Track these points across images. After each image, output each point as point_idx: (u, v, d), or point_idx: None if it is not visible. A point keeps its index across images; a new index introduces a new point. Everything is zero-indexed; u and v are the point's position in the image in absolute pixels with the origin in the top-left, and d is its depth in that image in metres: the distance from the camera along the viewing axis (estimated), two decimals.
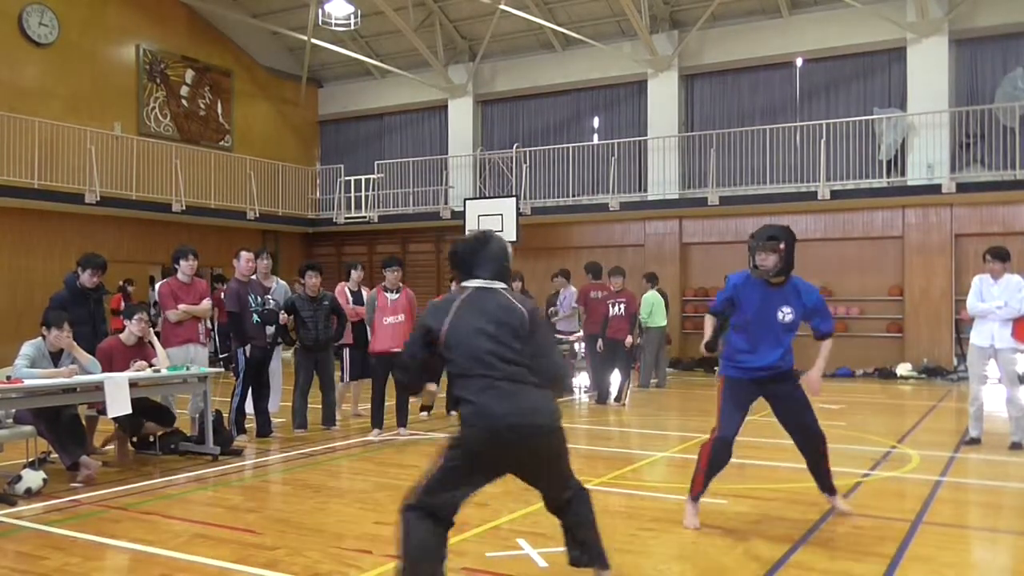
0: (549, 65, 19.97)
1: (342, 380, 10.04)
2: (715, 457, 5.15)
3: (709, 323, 5.62)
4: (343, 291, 10.05)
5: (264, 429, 8.61)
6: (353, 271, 10.32)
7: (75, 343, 6.75)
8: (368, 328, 9.01)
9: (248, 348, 8.41)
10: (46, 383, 6.33)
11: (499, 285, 3.72)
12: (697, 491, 5.26)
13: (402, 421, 8.85)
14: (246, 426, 8.61)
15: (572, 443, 8.96)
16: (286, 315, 8.76)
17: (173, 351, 7.77)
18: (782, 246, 5.05)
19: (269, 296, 8.72)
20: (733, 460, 5.30)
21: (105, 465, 7.07)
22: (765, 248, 5.02)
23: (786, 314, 5.10)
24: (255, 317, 8.46)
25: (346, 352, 9.85)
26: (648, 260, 17.59)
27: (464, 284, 3.70)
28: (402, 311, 8.65)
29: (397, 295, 8.71)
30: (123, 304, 14.93)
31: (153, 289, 18.38)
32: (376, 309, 8.66)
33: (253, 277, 8.82)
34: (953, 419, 10.46)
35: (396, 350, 8.59)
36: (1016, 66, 15.61)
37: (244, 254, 8.73)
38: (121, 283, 16.01)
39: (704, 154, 17.66)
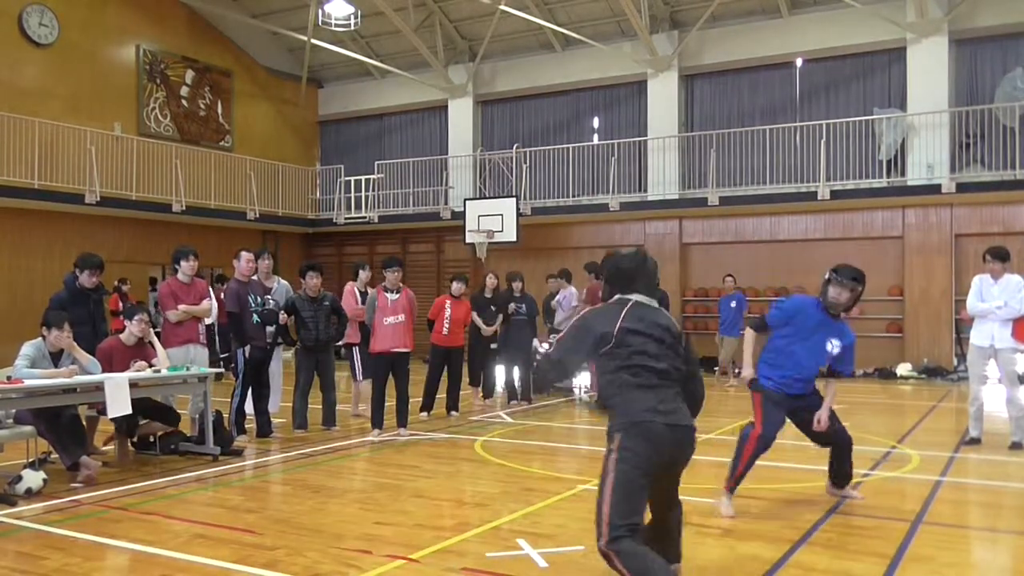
0: (549, 65, 19.97)
1: (355, 379, 10.04)
2: (756, 454, 5.47)
3: (750, 340, 5.74)
4: (352, 291, 10.00)
5: (264, 429, 8.61)
6: (361, 271, 10.27)
7: (75, 343, 6.75)
8: (353, 329, 9.02)
9: (248, 348, 8.41)
10: (46, 383, 6.33)
11: (654, 303, 3.88)
12: (732, 484, 5.49)
13: (402, 422, 8.86)
14: (246, 426, 8.61)
15: (572, 443, 8.99)
16: (286, 315, 8.76)
17: (173, 351, 7.76)
18: (860, 289, 5.40)
19: (268, 296, 8.71)
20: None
21: (105, 465, 7.08)
22: (846, 286, 5.30)
23: (835, 346, 5.44)
24: (255, 317, 8.45)
25: (356, 351, 9.84)
26: None
27: (623, 297, 3.82)
28: (402, 311, 8.65)
29: (397, 295, 8.70)
30: (120, 304, 14.89)
31: (154, 290, 18.39)
32: (376, 309, 8.66)
33: (254, 278, 8.83)
34: (953, 419, 10.46)
35: (396, 350, 8.62)
36: (1016, 66, 15.61)
37: (245, 254, 8.72)
38: (116, 283, 15.98)
39: (704, 154, 17.66)
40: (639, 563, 3.39)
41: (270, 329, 8.59)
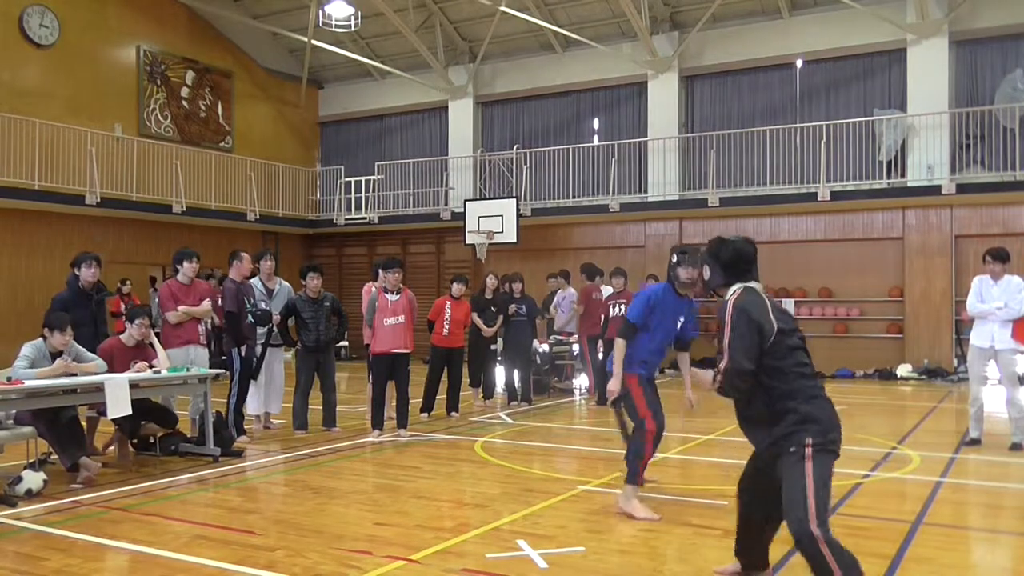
0: (549, 66, 19.97)
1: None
2: (655, 444, 5.64)
3: (622, 349, 5.70)
4: (370, 290, 9.84)
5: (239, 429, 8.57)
6: (381, 271, 10.02)
7: (81, 347, 6.76)
8: (368, 329, 8.98)
9: (244, 348, 8.41)
10: (46, 383, 6.33)
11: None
12: (642, 480, 5.68)
13: (402, 423, 8.85)
14: (245, 427, 8.61)
15: (572, 444, 8.96)
16: (278, 316, 8.75)
17: (173, 352, 7.77)
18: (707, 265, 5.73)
19: (258, 300, 8.72)
20: (734, 461, 5.33)
21: (105, 466, 7.07)
22: (696, 265, 5.59)
23: (679, 322, 5.82)
24: (248, 318, 8.47)
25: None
26: (648, 261, 17.60)
27: (747, 284, 3.75)
28: (403, 312, 8.65)
29: (398, 296, 8.71)
30: (122, 306, 14.87)
31: (155, 289, 18.38)
32: (377, 310, 8.65)
33: (253, 280, 8.85)
34: (953, 420, 10.46)
35: (396, 351, 8.62)
36: (1016, 67, 15.61)
37: (246, 255, 8.72)
38: (118, 285, 15.99)
39: (704, 155, 17.66)
40: (840, 550, 3.43)
41: (261, 331, 8.61)
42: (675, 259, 5.74)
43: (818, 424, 3.55)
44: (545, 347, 12.86)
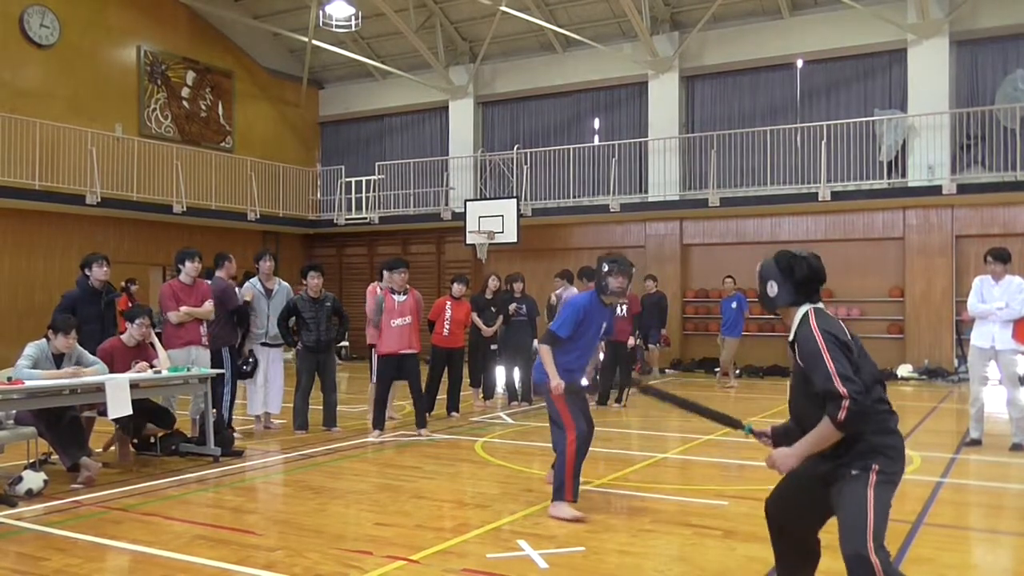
0: (550, 66, 19.97)
1: (373, 381, 10.00)
2: (580, 454, 5.50)
3: (549, 353, 5.62)
4: (374, 291, 9.81)
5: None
6: (387, 272, 9.95)
7: (84, 349, 6.76)
8: (375, 330, 8.97)
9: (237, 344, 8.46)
10: (48, 384, 6.33)
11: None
12: (571, 495, 5.48)
13: (421, 422, 8.83)
14: (242, 429, 8.62)
15: None
16: (256, 320, 8.81)
17: (175, 353, 7.77)
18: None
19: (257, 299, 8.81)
20: (733, 461, 5.32)
21: (106, 466, 7.06)
22: (625, 273, 5.64)
23: (601, 328, 5.82)
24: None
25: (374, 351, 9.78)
26: (649, 261, 17.61)
27: (816, 306, 3.52)
28: (409, 313, 8.63)
29: (404, 297, 8.70)
30: (129, 305, 14.88)
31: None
32: (384, 311, 8.63)
33: (253, 279, 8.90)
34: (954, 420, 10.46)
35: (403, 352, 8.62)
36: (1016, 67, 15.58)
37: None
38: (124, 283, 15.99)
39: (705, 155, 17.66)
40: None
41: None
42: (606, 268, 5.63)
43: (887, 456, 3.40)
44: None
